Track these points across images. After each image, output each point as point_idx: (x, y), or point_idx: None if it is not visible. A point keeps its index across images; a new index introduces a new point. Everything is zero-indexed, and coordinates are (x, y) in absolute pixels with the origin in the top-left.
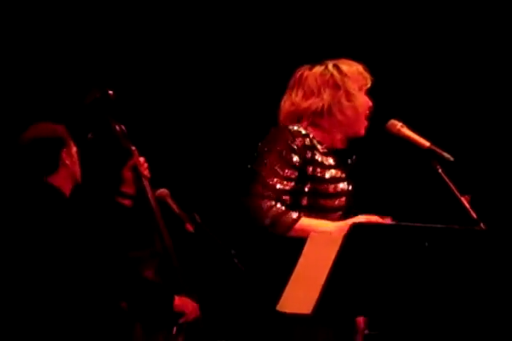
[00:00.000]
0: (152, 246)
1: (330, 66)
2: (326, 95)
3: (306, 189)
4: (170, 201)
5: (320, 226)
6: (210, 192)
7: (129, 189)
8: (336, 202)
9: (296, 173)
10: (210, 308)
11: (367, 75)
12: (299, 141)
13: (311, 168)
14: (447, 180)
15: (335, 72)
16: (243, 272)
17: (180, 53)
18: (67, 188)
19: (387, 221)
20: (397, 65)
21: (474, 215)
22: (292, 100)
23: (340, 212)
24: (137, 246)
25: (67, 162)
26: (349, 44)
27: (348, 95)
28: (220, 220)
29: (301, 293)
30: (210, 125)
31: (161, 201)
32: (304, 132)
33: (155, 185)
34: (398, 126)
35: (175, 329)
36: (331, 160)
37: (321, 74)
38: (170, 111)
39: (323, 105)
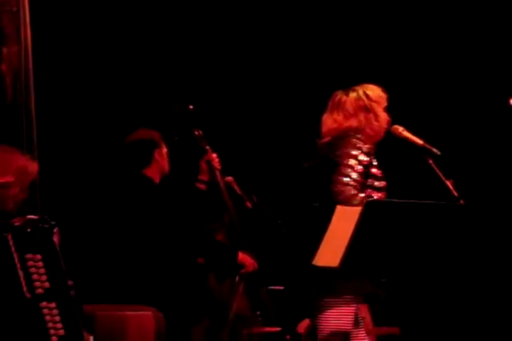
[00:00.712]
0: (222, 219)
1: (361, 93)
2: (362, 117)
3: (368, 183)
4: (234, 186)
5: None
6: (264, 179)
7: (204, 177)
8: (380, 195)
9: (363, 170)
10: (264, 262)
11: (385, 96)
12: (366, 147)
13: (371, 169)
14: (436, 169)
15: (365, 99)
16: (286, 236)
17: (243, 69)
18: (157, 178)
19: None
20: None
21: (456, 194)
22: (334, 118)
23: None
24: (211, 219)
25: (158, 159)
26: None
27: (376, 117)
28: (270, 200)
29: (330, 252)
30: (265, 130)
31: (228, 186)
32: (360, 137)
33: (224, 173)
34: (400, 129)
35: (237, 277)
36: (374, 162)
37: (356, 100)
38: (236, 118)
39: (359, 125)
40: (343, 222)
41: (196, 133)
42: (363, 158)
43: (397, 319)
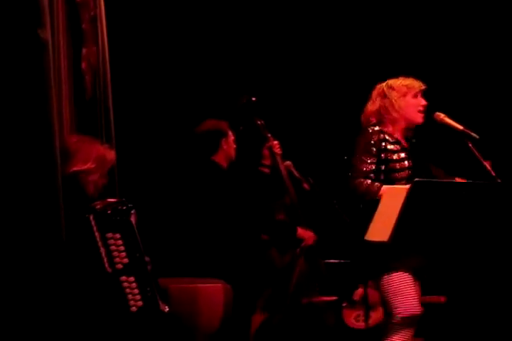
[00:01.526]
0: (283, 199)
1: (384, 83)
2: (378, 102)
3: (382, 168)
4: (293, 169)
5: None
6: (319, 163)
7: (267, 162)
8: (401, 175)
9: (375, 159)
10: (321, 238)
11: (414, 85)
12: (375, 137)
13: (383, 154)
14: (475, 151)
15: (384, 87)
16: (341, 214)
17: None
18: (224, 163)
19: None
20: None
21: (493, 174)
22: (366, 106)
23: (404, 181)
24: (274, 199)
25: (225, 147)
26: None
27: (391, 103)
28: (325, 181)
29: (381, 228)
30: (320, 120)
31: (287, 169)
32: (377, 129)
33: (283, 158)
34: (441, 116)
35: (298, 250)
36: (397, 147)
37: (378, 88)
38: (295, 110)
39: (377, 109)
40: (392, 200)
41: (259, 122)
42: (371, 148)
43: (443, 288)
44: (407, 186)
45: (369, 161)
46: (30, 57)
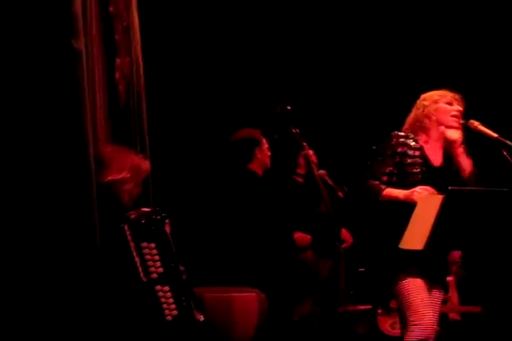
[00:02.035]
0: (319, 207)
1: (420, 98)
2: (413, 114)
3: (396, 171)
4: (327, 178)
5: (392, 192)
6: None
7: (302, 170)
8: (413, 179)
9: (391, 162)
10: (356, 244)
11: (444, 94)
12: (394, 141)
13: (398, 158)
14: (510, 159)
15: (418, 101)
16: (375, 221)
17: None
18: (259, 171)
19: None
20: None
21: None
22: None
23: (417, 185)
24: (309, 207)
25: (259, 156)
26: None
27: (423, 113)
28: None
29: (415, 236)
30: (352, 129)
31: (321, 178)
32: (401, 134)
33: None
34: (475, 124)
35: (339, 256)
36: (415, 153)
37: (415, 104)
38: (330, 118)
39: (411, 121)
40: (427, 208)
41: (294, 131)
42: (387, 150)
43: (479, 298)
44: (442, 195)
45: (384, 163)
46: (64, 67)
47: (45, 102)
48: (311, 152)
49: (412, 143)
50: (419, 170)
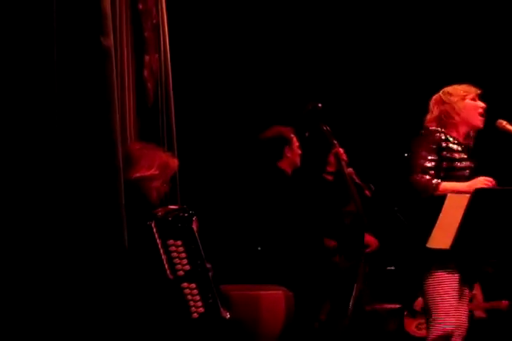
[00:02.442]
0: (349, 205)
1: (440, 92)
2: (437, 109)
3: (444, 165)
4: (354, 176)
5: (454, 185)
6: (381, 170)
7: (332, 168)
8: (462, 174)
9: (435, 156)
10: (382, 245)
11: (469, 89)
12: (436, 136)
13: (445, 152)
14: None
15: (441, 94)
16: (402, 220)
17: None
18: (289, 170)
19: None
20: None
21: None
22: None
23: (464, 180)
24: (338, 206)
25: (288, 154)
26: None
27: (452, 107)
28: (386, 188)
29: (442, 236)
30: (380, 128)
31: (349, 176)
32: (439, 130)
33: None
34: (504, 123)
35: (363, 258)
36: (459, 147)
37: (434, 98)
38: (360, 116)
39: (436, 116)
40: (454, 208)
41: (325, 128)
42: (431, 145)
43: (506, 294)
44: (468, 195)
45: (429, 158)
46: (94, 65)
47: (74, 100)
48: (341, 150)
49: (451, 138)
50: (467, 164)
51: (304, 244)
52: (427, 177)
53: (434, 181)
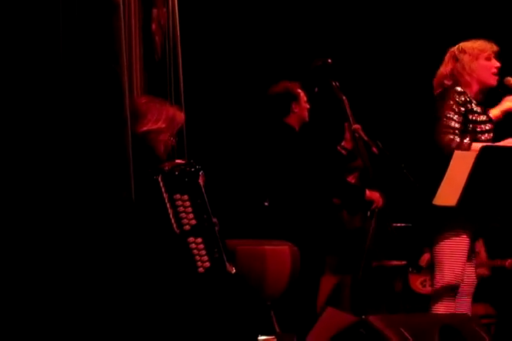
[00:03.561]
0: (355, 161)
1: (456, 46)
2: (450, 66)
3: (469, 128)
4: (361, 132)
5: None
6: (389, 126)
7: (347, 145)
8: (487, 136)
9: (461, 118)
10: (390, 202)
11: (484, 47)
12: (462, 98)
13: (470, 115)
14: None
15: (456, 50)
16: (408, 176)
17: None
18: (296, 126)
19: None
20: None
21: None
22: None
23: (489, 143)
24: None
25: (296, 110)
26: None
27: (463, 65)
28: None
29: (449, 193)
30: (390, 84)
31: (356, 132)
32: (462, 90)
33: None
34: None
35: (369, 213)
36: (479, 110)
37: (450, 52)
38: (369, 72)
39: (450, 73)
40: (461, 165)
41: (334, 84)
42: (459, 108)
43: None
44: (475, 152)
45: (456, 119)
46: (102, 18)
47: (81, 53)
48: (358, 126)
49: (472, 100)
50: (490, 126)
51: (310, 199)
52: (458, 139)
53: (466, 141)
